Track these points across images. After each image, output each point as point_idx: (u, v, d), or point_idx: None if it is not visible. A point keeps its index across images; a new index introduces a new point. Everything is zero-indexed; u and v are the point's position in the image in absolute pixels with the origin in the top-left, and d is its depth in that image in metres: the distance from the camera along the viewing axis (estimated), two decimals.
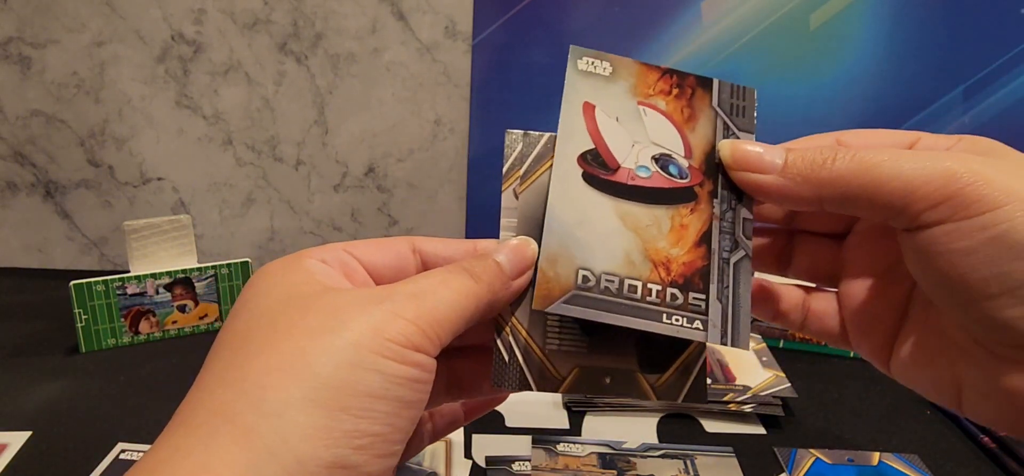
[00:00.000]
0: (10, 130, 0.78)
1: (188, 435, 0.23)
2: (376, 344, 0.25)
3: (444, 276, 0.28)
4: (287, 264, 0.29)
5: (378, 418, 0.25)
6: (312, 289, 0.27)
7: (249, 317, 0.27)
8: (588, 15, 0.74)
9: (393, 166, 0.81)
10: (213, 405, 0.24)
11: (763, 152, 0.30)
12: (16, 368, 0.61)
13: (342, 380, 0.24)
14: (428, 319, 0.26)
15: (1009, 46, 0.75)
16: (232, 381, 0.24)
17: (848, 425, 0.58)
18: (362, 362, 0.24)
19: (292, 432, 0.23)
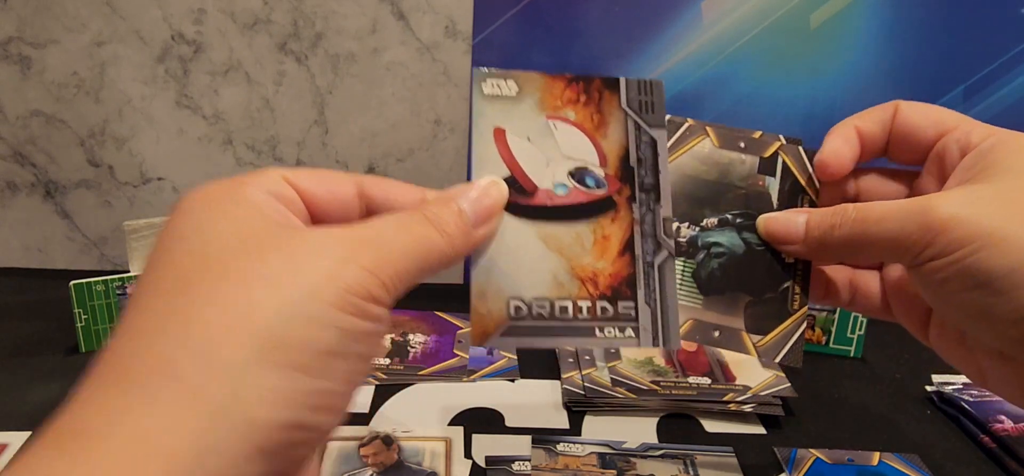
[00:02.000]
0: (10, 130, 0.78)
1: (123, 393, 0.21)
2: (334, 296, 0.23)
3: (403, 221, 0.26)
4: (228, 192, 0.25)
5: (335, 376, 0.23)
6: (263, 227, 0.24)
7: (190, 255, 0.23)
8: (588, 15, 0.74)
9: (393, 166, 0.81)
10: (152, 360, 0.21)
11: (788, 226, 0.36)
12: (16, 368, 0.61)
13: (299, 337, 0.22)
14: (388, 268, 0.24)
15: (1009, 46, 0.75)
16: (173, 332, 0.21)
17: (848, 425, 0.58)
18: (320, 317, 0.22)
19: (246, 393, 0.21)
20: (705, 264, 0.36)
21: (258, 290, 0.22)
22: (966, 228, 0.30)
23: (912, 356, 0.70)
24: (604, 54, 0.76)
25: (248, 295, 0.22)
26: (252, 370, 0.21)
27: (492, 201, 0.30)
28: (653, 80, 0.36)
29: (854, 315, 0.68)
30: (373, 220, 0.26)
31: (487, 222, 0.29)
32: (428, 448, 0.51)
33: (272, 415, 0.21)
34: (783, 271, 0.36)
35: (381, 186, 0.30)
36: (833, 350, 0.69)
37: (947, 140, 0.35)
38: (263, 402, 0.21)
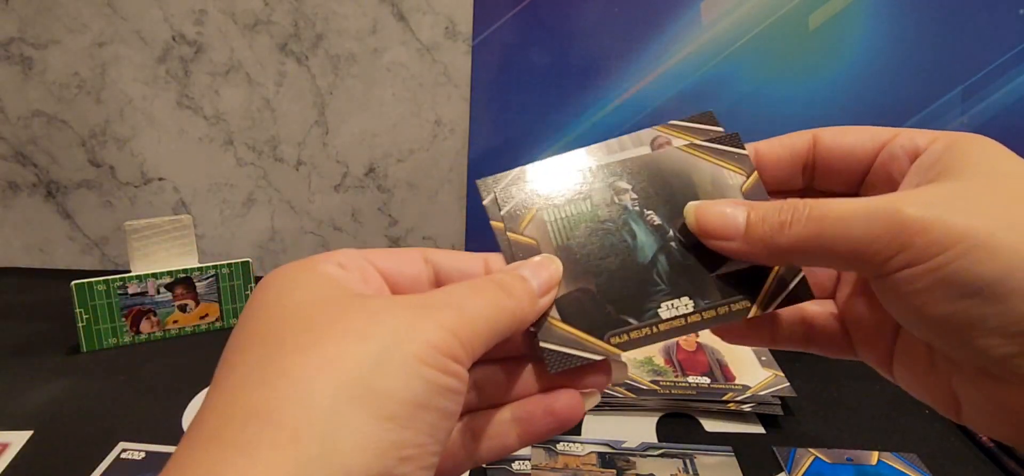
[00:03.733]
0: (12, 130, 0.78)
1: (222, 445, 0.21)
2: (420, 350, 0.23)
3: (477, 287, 0.27)
4: (303, 267, 0.27)
5: (422, 429, 0.23)
6: (341, 292, 0.25)
7: (274, 317, 0.24)
8: (588, 15, 0.75)
9: (393, 166, 0.81)
10: (249, 405, 0.21)
11: (726, 218, 0.31)
12: (17, 367, 0.61)
13: (388, 386, 0.22)
14: (466, 328, 0.25)
15: (1008, 46, 0.75)
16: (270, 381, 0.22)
17: (847, 425, 0.58)
18: (407, 368, 0.23)
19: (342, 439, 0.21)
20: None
21: (347, 343, 0.23)
22: (945, 230, 0.26)
23: None
24: (604, 54, 0.76)
25: (338, 346, 0.23)
26: (346, 416, 0.21)
27: (550, 274, 0.31)
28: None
29: None
30: (450, 287, 0.28)
31: (548, 292, 0.30)
32: None
33: (366, 462, 0.21)
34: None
35: (448, 257, 0.31)
36: None
37: (891, 148, 0.31)
38: (356, 449, 0.21)
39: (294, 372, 0.22)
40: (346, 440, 0.21)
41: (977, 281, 0.25)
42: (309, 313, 0.24)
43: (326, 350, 0.23)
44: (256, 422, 0.21)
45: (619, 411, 0.58)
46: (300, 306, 0.24)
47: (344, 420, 0.21)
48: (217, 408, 0.22)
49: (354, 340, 0.23)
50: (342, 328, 0.23)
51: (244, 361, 0.23)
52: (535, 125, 0.79)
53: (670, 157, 0.36)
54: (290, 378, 0.22)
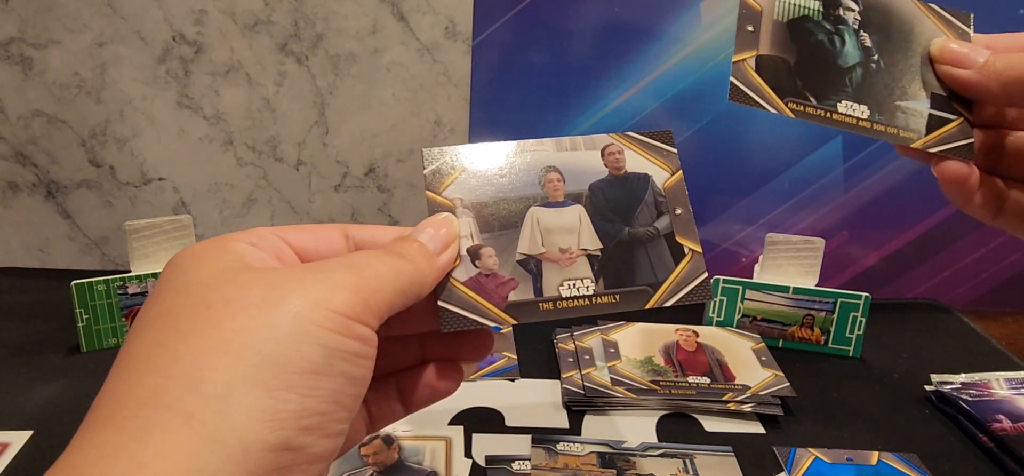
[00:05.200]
0: (11, 130, 0.78)
1: (117, 430, 0.21)
2: (318, 315, 0.24)
3: (375, 254, 0.28)
4: (213, 245, 0.27)
5: (324, 396, 0.23)
6: (242, 267, 0.26)
7: (174, 295, 0.24)
8: (588, 15, 0.75)
9: (393, 166, 0.81)
10: (142, 393, 0.22)
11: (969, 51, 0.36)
12: (17, 368, 0.61)
13: (285, 356, 0.23)
14: (367, 289, 0.26)
15: None
16: (162, 365, 0.22)
17: (847, 425, 0.58)
18: (305, 335, 0.23)
19: (236, 415, 0.21)
20: None
21: (241, 316, 0.23)
22: None
23: (911, 356, 0.70)
24: (604, 54, 0.76)
25: (232, 321, 0.23)
26: (239, 391, 0.22)
27: (447, 233, 0.31)
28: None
29: (853, 315, 0.68)
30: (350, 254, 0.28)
31: (446, 249, 0.31)
32: (428, 448, 0.51)
33: (261, 435, 0.22)
34: None
35: (366, 230, 0.31)
36: (832, 350, 0.69)
37: None
38: (252, 422, 0.21)
39: (186, 355, 0.22)
40: (240, 416, 0.21)
41: None
42: (207, 291, 0.24)
43: (221, 327, 0.23)
44: (149, 408, 0.21)
45: (619, 411, 0.58)
46: (200, 284, 0.25)
47: (237, 397, 0.22)
48: (115, 393, 0.22)
49: (251, 313, 0.23)
50: (239, 302, 0.23)
51: (141, 344, 0.24)
52: (535, 125, 0.78)
53: (903, 3, 0.40)
54: (182, 361, 0.22)
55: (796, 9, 0.39)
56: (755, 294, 0.70)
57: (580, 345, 0.64)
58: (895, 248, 0.83)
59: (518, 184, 0.34)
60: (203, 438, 0.21)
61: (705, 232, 0.82)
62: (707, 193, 0.81)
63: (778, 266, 0.70)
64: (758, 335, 0.68)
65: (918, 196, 0.81)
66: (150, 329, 0.24)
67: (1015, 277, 0.84)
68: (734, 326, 0.70)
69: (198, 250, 0.27)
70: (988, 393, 0.60)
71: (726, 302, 0.70)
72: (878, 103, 0.38)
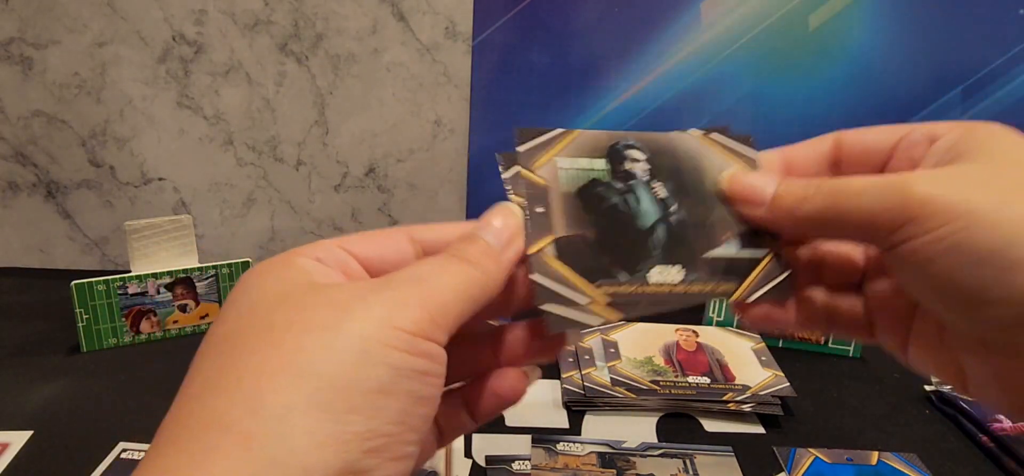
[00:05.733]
0: (12, 130, 0.78)
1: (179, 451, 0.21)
2: (383, 334, 0.23)
3: (439, 262, 0.27)
4: (279, 262, 0.26)
5: (390, 417, 0.23)
6: (307, 285, 0.25)
7: (239, 317, 0.24)
8: (588, 15, 0.75)
9: (393, 166, 0.81)
10: (205, 415, 0.22)
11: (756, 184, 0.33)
12: (17, 368, 0.61)
13: (349, 377, 0.22)
14: (433, 304, 0.25)
15: (1008, 46, 0.75)
16: (225, 387, 0.22)
17: (847, 424, 0.58)
18: (369, 355, 0.22)
19: (297, 438, 0.21)
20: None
21: (304, 337, 0.23)
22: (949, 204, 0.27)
23: None
24: (604, 54, 0.76)
25: (295, 342, 0.22)
26: (300, 414, 0.21)
27: (510, 227, 0.30)
28: None
29: None
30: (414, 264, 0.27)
31: (512, 244, 0.30)
32: None
33: (324, 458, 0.21)
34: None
35: (431, 231, 0.30)
36: (832, 350, 0.69)
37: (911, 136, 0.33)
38: (314, 446, 0.21)
39: (248, 377, 0.22)
40: (301, 439, 0.21)
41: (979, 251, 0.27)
42: (270, 312, 0.24)
43: (283, 348, 0.22)
44: (212, 430, 0.21)
45: (619, 411, 0.58)
46: (263, 305, 0.24)
47: (298, 419, 0.21)
48: (179, 416, 0.22)
49: (314, 335, 0.23)
50: (301, 324, 0.23)
51: (206, 366, 0.24)
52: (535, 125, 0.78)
53: (685, 141, 0.37)
54: (243, 383, 0.22)
55: (582, 175, 0.35)
56: None
57: (580, 345, 0.64)
58: None
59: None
60: (263, 461, 0.20)
61: None
62: None
63: None
64: (759, 335, 0.68)
65: None
66: (214, 351, 0.24)
67: None
68: (734, 326, 0.70)
69: (263, 268, 0.26)
70: None
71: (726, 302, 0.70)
72: (689, 259, 0.34)
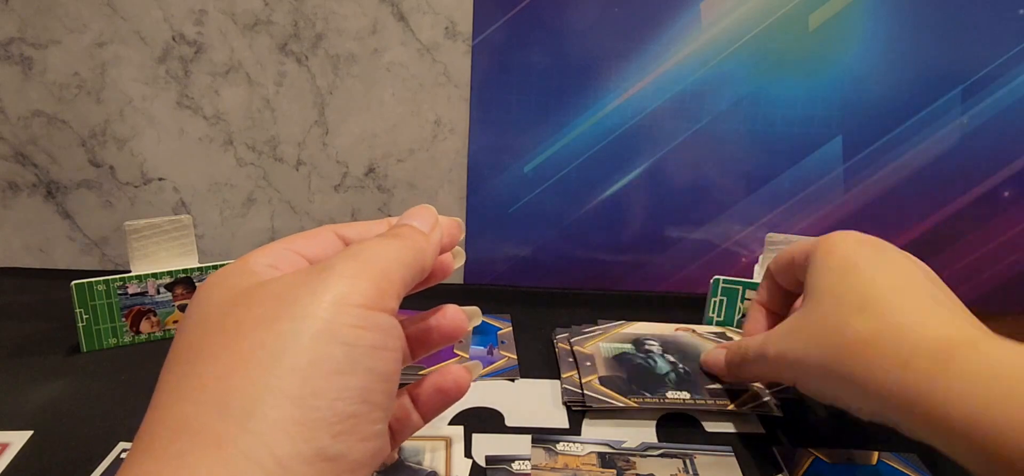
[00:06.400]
0: (11, 130, 0.78)
1: (154, 460, 0.21)
2: (333, 314, 0.23)
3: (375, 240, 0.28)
4: (230, 268, 0.27)
5: (352, 397, 0.23)
6: (251, 283, 0.26)
7: (195, 327, 0.25)
8: (588, 15, 0.75)
9: (393, 166, 0.81)
10: (173, 423, 0.22)
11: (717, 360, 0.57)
12: (17, 368, 0.61)
13: (306, 361, 0.22)
14: (376, 271, 0.25)
15: (1008, 46, 0.75)
16: (189, 393, 0.22)
17: (847, 425, 0.58)
18: (323, 337, 0.23)
19: (266, 430, 0.21)
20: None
21: (257, 332, 0.23)
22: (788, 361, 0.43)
23: None
24: (604, 54, 0.76)
25: (247, 339, 0.23)
26: (266, 405, 0.21)
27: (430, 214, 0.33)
28: None
29: None
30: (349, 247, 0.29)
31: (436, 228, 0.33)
32: (428, 447, 0.51)
33: (295, 448, 0.21)
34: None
35: (354, 228, 0.32)
36: None
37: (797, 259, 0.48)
38: (283, 435, 0.21)
39: (211, 381, 0.22)
40: (270, 431, 0.21)
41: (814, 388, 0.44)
42: (222, 315, 0.24)
43: (238, 347, 0.23)
44: (182, 436, 0.21)
45: (619, 412, 0.58)
46: (217, 310, 0.25)
47: (265, 411, 0.21)
48: (151, 425, 0.23)
49: (265, 326, 0.23)
50: (251, 320, 0.24)
51: (170, 377, 0.24)
52: (535, 125, 0.79)
53: (684, 336, 0.66)
54: (208, 386, 0.22)
55: (616, 349, 0.63)
56: None
57: (579, 351, 0.64)
58: None
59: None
60: (237, 458, 0.21)
61: (705, 232, 0.83)
62: (707, 193, 0.81)
63: None
64: None
65: (918, 196, 0.81)
66: (178, 361, 0.24)
67: (1015, 277, 0.84)
68: (734, 326, 0.70)
69: (216, 276, 0.27)
70: None
71: (726, 302, 0.70)
72: (695, 389, 0.57)
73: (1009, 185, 0.80)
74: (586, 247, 0.83)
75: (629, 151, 0.79)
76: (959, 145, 0.78)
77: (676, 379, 0.59)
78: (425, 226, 0.32)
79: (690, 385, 0.58)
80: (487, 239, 0.83)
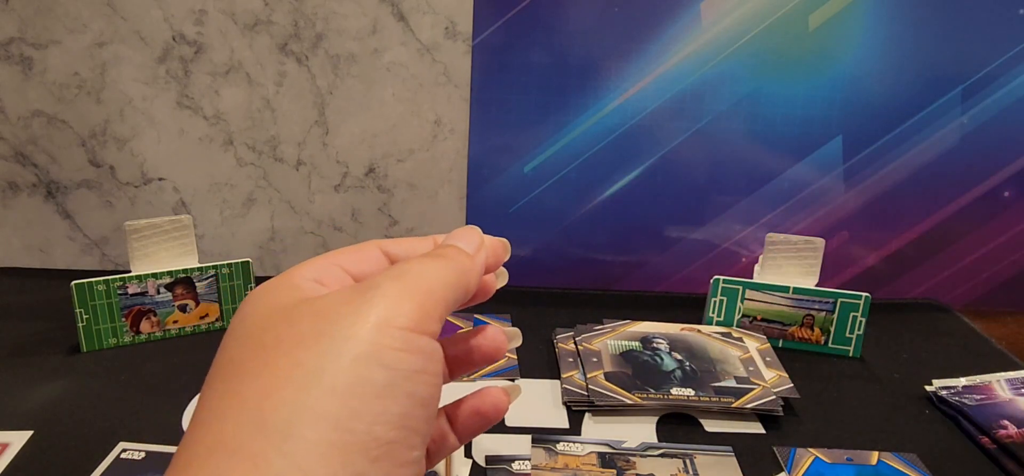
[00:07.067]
0: (12, 130, 0.78)
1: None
2: (376, 335, 0.23)
3: (420, 260, 0.28)
4: (274, 283, 0.27)
5: (391, 421, 0.22)
6: (294, 300, 0.25)
7: (236, 343, 0.25)
8: (588, 16, 0.75)
9: (393, 166, 0.81)
10: (212, 441, 0.22)
11: None
12: (17, 368, 0.61)
13: (346, 383, 0.22)
14: (421, 292, 0.25)
15: (1008, 46, 0.75)
16: (228, 410, 0.22)
17: (847, 424, 0.58)
18: (365, 358, 0.22)
19: (302, 452, 0.21)
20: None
21: (296, 351, 0.23)
22: None
23: (911, 356, 0.70)
24: (604, 54, 0.76)
25: (287, 357, 0.22)
26: (303, 426, 0.21)
27: (475, 237, 0.32)
28: None
29: (853, 315, 0.68)
30: (393, 266, 0.28)
31: (479, 251, 0.31)
32: None
33: (330, 471, 0.21)
34: None
35: (398, 244, 0.31)
36: (832, 350, 0.69)
37: None
38: (318, 458, 0.21)
39: (250, 399, 0.22)
40: (306, 453, 0.21)
41: None
42: (262, 332, 0.24)
43: (278, 365, 0.22)
44: (218, 454, 0.21)
45: (619, 411, 0.58)
46: (256, 327, 0.25)
47: (301, 432, 0.21)
48: (189, 444, 0.22)
49: (306, 345, 0.23)
50: (291, 338, 0.23)
51: (211, 394, 0.24)
52: (535, 125, 0.79)
53: (691, 335, 0.67)
54: (247, 405, 0.22)
55: (623, 347, 0.64)
56: (755, 294, 0.70)
57: (586, 348, 0.64)
58: (895, 248, 0.83)
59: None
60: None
61: (705, 232, 0.83)
62: (707, 193, 0.81)
63: (778, 266, 0.70)
64: (763, 336, 0.68)
65: (918, 196, 0.81)
66: (217, 378, 0.24)
67: (1015, 277, 0.84)
68: (734, 326, 0.70)
69: (260, 290, 0.27)
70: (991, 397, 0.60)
71: (726, 302, 0.70)
72: (699, 386, 0.58)
73: (1009, 185, 0.80)
74: (586, 247, 0.83)
75: (629, 151, 0.79)
76: (959, 145, 0.78)
77: (681, 376, 0.60)
78: (470, 247, 0.31)
79: (695, 383, 0.59)
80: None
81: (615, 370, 0.60)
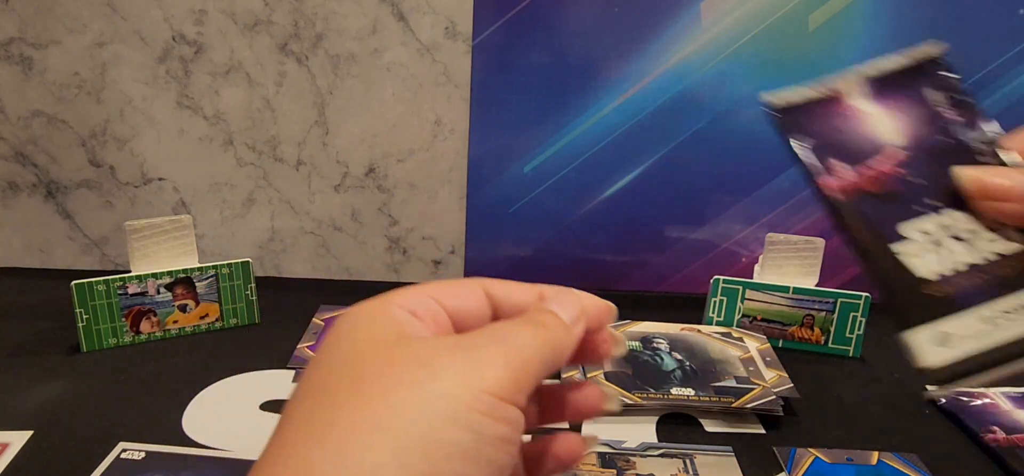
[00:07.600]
0: (12, 130, 0.78)
1: None
2: (469, 397, 0.23)
3: (519, 325, 0.28)
4: (372, 309, 0.27)
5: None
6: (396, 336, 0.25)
7: (331, 364, 0.25)
8: (588, 16, 0.75)
9: (393, 166, 0.81)
10: (295, 464, 0.22)
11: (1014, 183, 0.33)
12: (17, 368, 0.61)
13: (434, 439, 0.22)
14: (517, 363, 0.25)
15: (1008, 46, 0.75)
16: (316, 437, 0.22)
17: (847, 424, 0.58)
18: (455, 418, 0.23)
19: None
20: None
21: (392, 393, 0.23)
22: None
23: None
24: (604, 54, 0.76)
25: (383, 397, 0.23)
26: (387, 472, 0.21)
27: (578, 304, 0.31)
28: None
29: (853, 315, 0.68)
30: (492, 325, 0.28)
31: (579, 320, 0.30)
32: None
33: None
34: None
35: (503, 288, 0.31)
36: (832, 350, 0.69)
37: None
38: None
39: (338, 429, 0.22)
40: None
41: None
42: (362, 363, 0.24)
43: (373, 404, 0.23)
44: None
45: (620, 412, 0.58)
46: (355, 354, 0.25)
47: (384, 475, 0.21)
48: (273, 461, 0.23)
49: (403, 391, 0.23)
50: (392, 378, 0.23)
51: (299, 413, 0.24)
52: (535, 125, 0.79)
53: (691, 336, 0.67)
54: (334, 434, 0.22)
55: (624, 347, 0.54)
56: (755, 294, 0.70)
57: None
58: None
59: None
60: None
61: (705, 232, 0.82)
62: (707, 193, 0.81)
63: (778, 266, 0.70)
64: (763, 336, 0.68)
65: None
66: (308, 398, 0.24)
67: None
68: (734, 326, 0.70)
69: (358, 314, 0.27)
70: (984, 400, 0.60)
71: (726, 302, 0.70)
72: (699, 386, 0.59)
73: None
74: (586, 247, 0.83)
75: (629, 151, 0.79)
76: None
77: (681, 376, 0.60)
78: (569, 317, 0.30)
79: (695, 383, 0.59)
80: (487, 239, 0.83)
81: (615, 370, 0.60)
